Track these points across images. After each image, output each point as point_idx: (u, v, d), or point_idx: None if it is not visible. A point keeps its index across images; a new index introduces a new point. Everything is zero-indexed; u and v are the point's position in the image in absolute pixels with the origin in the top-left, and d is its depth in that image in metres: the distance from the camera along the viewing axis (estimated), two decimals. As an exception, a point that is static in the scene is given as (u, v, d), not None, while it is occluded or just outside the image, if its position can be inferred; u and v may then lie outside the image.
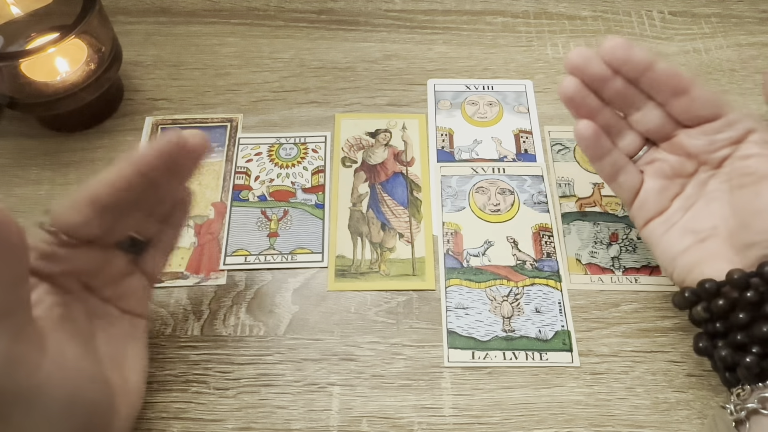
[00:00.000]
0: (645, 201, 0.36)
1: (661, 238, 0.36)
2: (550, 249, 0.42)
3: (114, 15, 0.52)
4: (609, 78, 0.34)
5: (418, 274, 0.41)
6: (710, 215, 0.35)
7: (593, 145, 0.36)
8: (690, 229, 0.35)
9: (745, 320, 0.31)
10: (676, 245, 0.35)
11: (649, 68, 0.33)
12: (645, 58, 0.33)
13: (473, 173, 0.45)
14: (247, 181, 0.45)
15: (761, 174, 0.33)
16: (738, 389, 0.32)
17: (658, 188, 0.36)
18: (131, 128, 0.47)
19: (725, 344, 0.32)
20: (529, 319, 0.39)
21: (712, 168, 0.35)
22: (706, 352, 0.34)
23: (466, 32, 0.53)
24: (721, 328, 0.33)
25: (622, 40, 0.34)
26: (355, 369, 0.37)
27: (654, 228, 0.36)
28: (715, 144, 0.34)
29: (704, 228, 0.35)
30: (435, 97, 0.49)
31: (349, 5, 0.55)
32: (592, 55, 0.34)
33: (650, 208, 0.36)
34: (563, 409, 0.36)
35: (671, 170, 0.36)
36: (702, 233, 0.35)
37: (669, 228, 0.36)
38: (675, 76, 0.33)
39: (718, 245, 0.34)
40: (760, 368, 0.31)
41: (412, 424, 0.35)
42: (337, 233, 0.42)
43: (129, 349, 0.33)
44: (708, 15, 0.54)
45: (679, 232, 0.35)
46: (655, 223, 0.36)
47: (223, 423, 0.35)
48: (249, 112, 0.48)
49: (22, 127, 0.47)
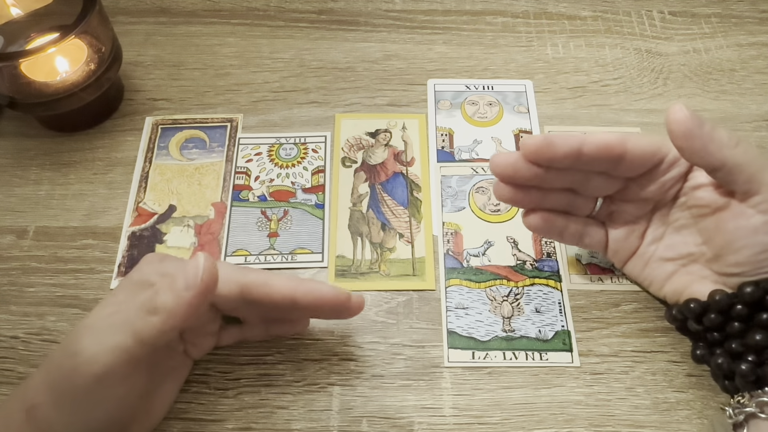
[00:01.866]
0: (616, 249, 0.38)
1: (642, 272, 0.37)
2: (550, 249, 0.42)
3: (114, 15, 0.52)
4: (541, 176, 0.33)
5: (418, 274, 0.41)
6: (682, 242, 0.36)
7: (547, 231, 0.37)
8: (667, 259, 0.36)
9: (739, 329, 0.32)
10: (658, 275, 0.37)
11: (578, 155, 0.32)
12: (570, 147, 0.32)
13: (473, 173, 0.45)
14: (247, 181, 0.45)
15: (716, 206, 0.33)
16: (738, 396, 0.32)
17: (623, 235, 0.37)
18: (131, 128, 0.47)
19: (722, 352, 0.33)
20: (529, 319, 0.39)
21: (669, 204, 0.36)
22: (704, 360, 0.34)
23: (466, 32, 0.53)
24: (718, 336, 0.33)
25: (541, 139, 0.32)
26: (355, 369, 0.37)
27: (633, 266, 0.38)
28: (665, 186, 0.35)
29: (680, 255, 0.36)
30: (435, 97, 0.49)
31: (349, 5, 0.55)
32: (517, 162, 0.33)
33: (623, 252, 0.38)
34: (563, 409, 0.36)
35: (630, 216, 0.37)
36: (680, 260, 0.36)
37: (647, 262, 0.37)
38: (606, 149, 0.32)
39: (699, 268, 0.35)
40: (756, 375, 0.31)
41: (412, 424, 0.35)
42: (337, 233, 0.42)
43: (167, 384, 0.34)
44: (708, 15, 0.54)
45: (658, 264, 0.37)
46: (632, 262, 0.38)
47: (223, 423, 0.35)
48: (249, 112, 0.48)
49: (22, 127, 0.47)
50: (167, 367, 0.34)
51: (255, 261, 0.41)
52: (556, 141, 0.32)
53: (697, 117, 0.30)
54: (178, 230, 0.42)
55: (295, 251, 0.42)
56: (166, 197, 0.44)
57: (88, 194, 0.44)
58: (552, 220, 0.36)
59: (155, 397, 0.33)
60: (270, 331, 0.36)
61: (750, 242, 0.32)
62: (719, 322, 0.33)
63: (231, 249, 0.41)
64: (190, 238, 0.42)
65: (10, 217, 0.43)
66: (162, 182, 0.45)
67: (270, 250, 0.42)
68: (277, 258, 0.41)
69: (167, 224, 0.43)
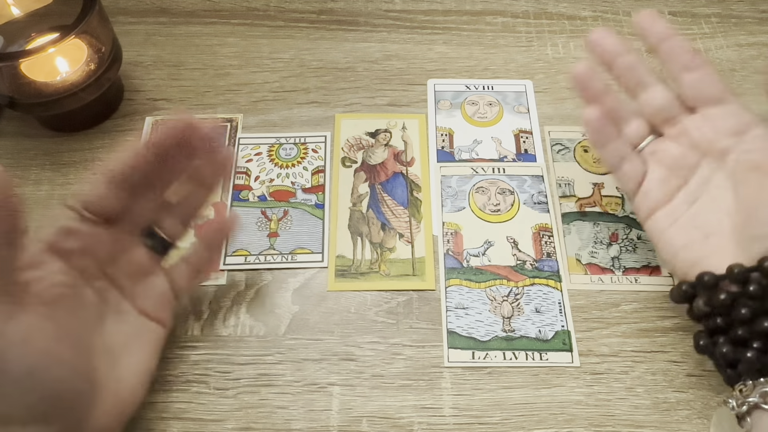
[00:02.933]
0: (648, 190, 0.36)
1: (665, 232, 0.36)
2: (550, 249, 0.42)
3: (114, 15, 0.52)
4: (623, 51, 0.37)
5: (418, 274, 0.41)
6: (715, 210, 0.34)
7: (599, 130, 0.37)
8: (694, 225, 0.35)
9: (747, 315, 0.31)
10: (679, 239, 0.35)
11: (667, 38, 0.36)
12: (667, 29, 0.36)
13: (473, 173, 0.45)
14: (247, 181, 0.45)
15: (765, 168, 0.33)
16: (740, 385, 0.32)
17: (661, 177, 0.36)
18: (131, 128, 0.47)
19: (726, 340, 0.32)
20: (529, 319, 0.39)
21: (715, 161, 0.35)
22: (707, 349, 0.34)
23: (466, 32, 0.53)
24: (721, 323, 0.33)
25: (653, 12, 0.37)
26: (355, 369, 0.37)
27: (658, 220, 0.36)
28: (718, 132, 0.35)
29: (709, 223, 0.34)
30: (435, 97, 0.49)
31: (349, 5, 0.55)
32: (610, 33, 0.37)
33: (654, 198, 0.36)
34: (563, 409, 0.36)
35: (674, 161, 0.36)
36: (706, 228, 0.34)
37: (673, 222, 0.36)
38: (689, 52, 0.36)
39: (722, 241, 0.34)
40: (761, 363, 0.31)
41: (412, 424, 0.35)
42: (337, 233, 0.42)
43: (134, 350, 0.33)
44: (708, 15, 0.54)
45: (683, 227, 0.35)
46: (659, 215, 0.36)
47: (223, 423, 0.35)
48: (249, 112, 0.48)
49: (22, 127, 0.47)
50: (122, 332, 0.32)
51: (255, 261, 0.41)
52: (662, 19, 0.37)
53: None
54: (178, 230, 0.42)
55: (295, 251, 0.42)
56: (166, 197, 0.44)
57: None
58: (606, 123, 0.37)
59: (120, 366, 0.32)
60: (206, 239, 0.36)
61: None
62: (728, 303, 0.32)
63: (231, 249, 0.42)
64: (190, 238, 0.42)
65: (10, 217, 0.43)
66: (162, 182, 0.45)
67: (270, 250, 0.42)
68: (277, 258, 0.41)
69: (167, 224, 0.43)
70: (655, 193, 0.36)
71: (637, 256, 0.41)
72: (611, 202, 0.44)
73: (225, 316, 0.39)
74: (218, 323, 0.39)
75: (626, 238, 0.42)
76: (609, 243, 0.42)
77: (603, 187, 0.44)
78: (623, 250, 0.42)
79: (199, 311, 0.39)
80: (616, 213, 0.43)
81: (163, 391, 0.36)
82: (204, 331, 0.38)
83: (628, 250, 0.42)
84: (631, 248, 0.42)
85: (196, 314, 0.39)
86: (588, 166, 0.45)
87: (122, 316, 0.33)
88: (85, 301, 0.32)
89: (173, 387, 0.36)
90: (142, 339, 0.33)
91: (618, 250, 0.42)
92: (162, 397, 0.36)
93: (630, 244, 0.42)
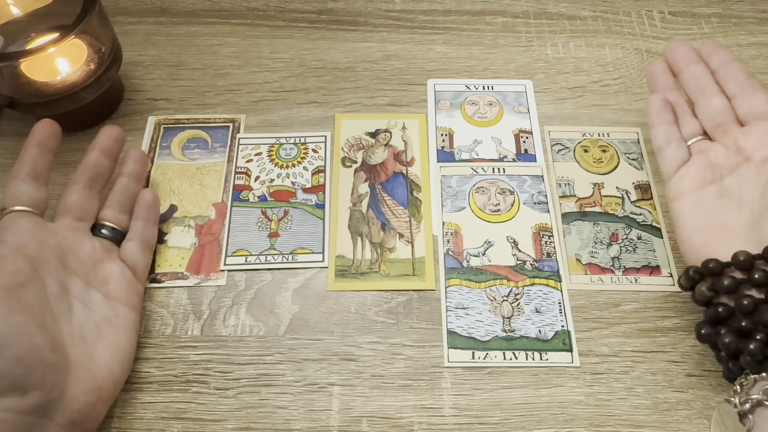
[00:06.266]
0: (685, 175, 0.39)
1: (687, 213, 0.37)
2: (550, 249, 0.42)
3: (114, 15, 0.52)
4: (693, 61, 0.41)
5: (418, 274, 0.41)
6: (740, 206, 0.36)
7: (658, 110, 0.40)
8: (716, 213, 0.36)
9: (750, 306, 0.32)
10: (698, 221, 0.37)
11: (728, 64, 0.40)
12: (728, 56, 0.40)
13: (473, 173, 0.45)
14: (248, 182, 0.45)
15: None
16: (741, 379, 0.32)
17: (701, 167, 0.38)
18: (131, 128, 0.47)
19: (729, 331, 0.33)
20: (529, 319, 0.39)
21: (755, 167, 0.37)
22: (709, 339, 0.34)
23: (466, 32, 0.53)
24: (723, 312, 0.33)
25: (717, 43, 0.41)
26: (355, 369, 0.37)
27: (683, 203, 0.38)
28: (764, 141, 0.37)
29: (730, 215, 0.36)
30: (435, 97, 0.49)
31: (349, 5, 0.55)
32: (686, 43, 0.41)
33: (687, 183, 0.38)
34: (563, 409, 0.36)
35: (717, 159, 0.38)
36: (726, 219, 0.36)
37: (696, 205, 0.37)
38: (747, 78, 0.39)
39: (737, 229, 0.35)
40: (764, 355, 0.31)
41: (412, 424, 0.35)
42: (337, 233, 0.42)
43: (107, 334, 0.35)
44: (708, 15, 0.54)
45: (705, 212, 0.37)
46: (686, 198, 0.38)
47: (223, 423, 0.35)
48: (249, 112, 0.48)
49: (22, 127, 0.47)
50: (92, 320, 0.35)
51: (255, 261, 0.41)
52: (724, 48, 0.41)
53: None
54: (179, 230, 0.42)
55: (296, 251, 0.42)
56: (167, 197, 0.44)
57: (89, 194, 0.44)
58: (666, 108, 0.41)
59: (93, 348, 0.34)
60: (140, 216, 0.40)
61: None
62: (732, 287, 0.32)
63: (231, 249, 0.42)
64: (190, 238, 0.42)
65: (11, 217, 0.43)
66: (164, 182, 0.45)
67: (270, 250, 0.42)
68: (277, 258, 0.41)
69: (168, 224, 0.43)
70: (690, 179, 0.38)
71: (637, 256, 0.41)
72: (611, 202, 0.44)
73: (225, 316, 0.39)
74: (218, 323, 0.39)
75: (626, 238, 0.42)
76: (609, 243, 0.42)
77: (603, 187, 0.44)
78: (623, 250, 0.42)
79: (199, 311, 0.39)
80: (616, 213, 0.43)
81: (163, 391, 0.36)
82: (204, 331, 0.38)
83: (628, 250, 0.42)
84: (631, 248, 0.42)
85: (196, 314, 0.39)
86: (588, 166, 0.45)
87: (91, 304, 0.35)
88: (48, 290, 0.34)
89: (173, 387, 0.36)
90: (114, 323, 0.36)
91: (618, 250, 0.42)
92: (162, 397, 0.36)
93: (630, 244, 0.42)
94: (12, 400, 0.29)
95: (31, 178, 0.36)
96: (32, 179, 0.36)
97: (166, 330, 0.38)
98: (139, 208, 0.40)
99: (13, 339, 0.30)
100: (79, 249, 0.37)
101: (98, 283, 0.36)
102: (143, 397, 0.36)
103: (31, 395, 0.30)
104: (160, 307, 0.39)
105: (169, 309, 0.39)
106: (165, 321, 0.39)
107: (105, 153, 0.40)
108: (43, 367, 0.31)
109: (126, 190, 0.40)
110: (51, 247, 0.35)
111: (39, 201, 0.36)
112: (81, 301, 0.35)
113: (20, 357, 0.30)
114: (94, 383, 0.33)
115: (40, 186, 0.37)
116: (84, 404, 0.32)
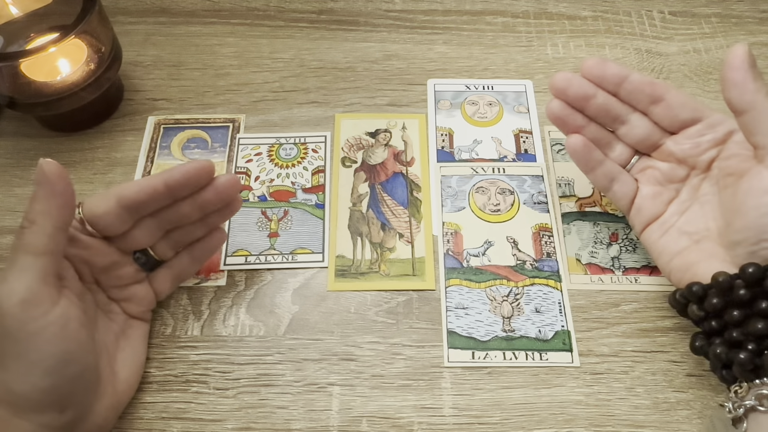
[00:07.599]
0: (641, 207, 0.38)
1: (658, 242, 0.37)
2: (550, 249, 0.42)
3: (114, 15, 0.52)
4: (591, 95, 0.37)
5: (418, 274, 0.41)
6: (703, 217, 0.36)
7: (585, 157, 0.38)
8: (685, 232, 0.36)
9: (739, 317, 0.32)
10: (672, 247, 0.36)
11: (624, 80, 0.36)
12: (619, 71, 0.36)
13: (473, 173, 0.45)
14: (247, 182, 0.45)
15: (739, 173, 0.34)
16: (736, 386, 0.32)
17: (652, 194, 0.38)
18: (131, 128, 0.47)
19: (721, 342, 0.33)
20: (529, 319, 0.39)
21: (703, 171, 0.37)
22: (702, 350, 0.34)
23: (466, 32, 0.53)
24: (716, 325, 0.33)
25: (598, 58, 0.37)
26: (355, 369, 0.37)
27: (651, 232, 0.38)
28: (700, 147, 0.36)
29: (698, 230, 0.36)
30: (435, 97, 0.49)
31: (349, 5, 0.55)
32: (573, 77, 0.37)
33: (647, 213, 0.38)
34: (563, 409, 0.36)
35: (663, 176, 0.38)
36: (696, 235, 0.36)
37: (665, 231, 0.37)
38: (649, 85, 0.36)
39: (711, 246, 0.35)
40: (754, 365, 0.31)
41: (412, 424, 0.35)
42: (337, 233, 0.42)
43: (124, 346, 0.35)
44: (708, 15, 0.54)
45: (674, 235, 0.36)
46: (652, 228, 0.38)
47: (223, 423, 0.35)
48: (249, 112, 0.48)
49: (22, 127, 0.47)
50: (112, 331, 0.34)
51: (255, 261, 0.41)
52: (611, 62, 0.37)
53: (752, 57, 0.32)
54: (178, 230, 0.42)
55: (296, 251, 0.42)
56: (166, 197, 0.44)
57: (88, 194, 0.44)
58: (592, 148, 0.38)
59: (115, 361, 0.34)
60: (194, 255, 0.37)
61: (757, 203, 0.32)
62: (721, 306, 0.32)
63: (231, 249, 0.41)
64: (190, 238, 0.42)
65: (10, 217, 0.43)
66: (162, 182, 0.45)
67: (270, 250, 0.42)
68: (277, 258, 0.41)
69: (167, 224, 0.43)
70: (647, 208, 0.38)
71: (637, 256, 0.41)
72: (611, 202, 0.44)
73: (225, 316, 0.39)
74: (218, 323, 0.39)
75: (626, 238, 0.42)
76: (609, 243, 0.42)
77: (603, 187, 0.44)
78: (623, 250, 0.42)
79: (199, 311, 0.39)
80: (616, 213, 0.43)
81: (163, 391, 0.36)
82: (204, 331, 0.38)
83: (628, 250, 0.42)
84: (631, 248, 0.42)
85: (196, 314, 0.39)
86: (588, 166, 0.45)
87: (111, 315, 0.35)
88: (87, 299, 0.33)
89: (173, 387, 0.36)
90: (129, 335, 0.36)
91: (618, 250, 0.42)
92: (162, 397, 0.36)
93: (630, 244, 0.42)
94: (51, 416, 0.29)
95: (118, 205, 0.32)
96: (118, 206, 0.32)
97: (166, 330, 0.38)
98: (202, 249, 0.38)
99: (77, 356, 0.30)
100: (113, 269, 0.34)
101: (121, 300, 0.36)
102: (143, 397, 0.36)
103: (67, 413, 0.30)
104: (160, 307, 0.39)
105: (169, 309, 0.39)
106: (165, 321, 0.39)
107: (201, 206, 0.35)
108: (86, 386, 0.31)
109: (193, 234, 0.37)
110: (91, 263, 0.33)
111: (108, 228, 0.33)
112: (103, 311, 0.35)
113: (75, 376, 0.30)
114: (115, 398, 0.33)
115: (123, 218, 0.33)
116: (104, 419, 0.32)
